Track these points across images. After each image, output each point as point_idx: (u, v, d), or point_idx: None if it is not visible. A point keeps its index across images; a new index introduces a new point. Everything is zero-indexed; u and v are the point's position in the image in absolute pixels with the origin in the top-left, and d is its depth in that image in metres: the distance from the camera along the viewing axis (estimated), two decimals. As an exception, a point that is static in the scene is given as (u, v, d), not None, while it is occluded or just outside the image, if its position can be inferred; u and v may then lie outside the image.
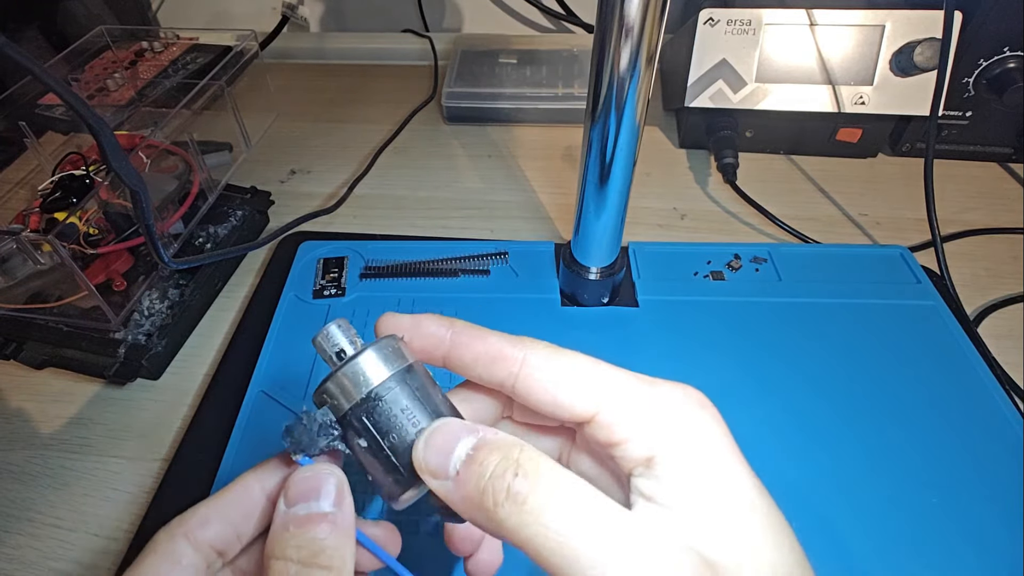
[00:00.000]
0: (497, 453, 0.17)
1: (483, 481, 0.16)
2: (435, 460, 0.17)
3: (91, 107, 0.23)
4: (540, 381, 0.19)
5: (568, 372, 0.19)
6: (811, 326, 0.39)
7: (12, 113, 0.46)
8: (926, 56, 0.46)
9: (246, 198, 0.50)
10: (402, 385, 0.19)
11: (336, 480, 0.19)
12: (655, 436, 0.17)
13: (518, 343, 0.19)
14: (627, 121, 0.31)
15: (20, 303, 0.38)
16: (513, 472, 0.16)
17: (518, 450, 0.17)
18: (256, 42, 0.53)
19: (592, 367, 0.19)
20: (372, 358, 0.19)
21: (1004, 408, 0.35)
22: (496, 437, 0.17)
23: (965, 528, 0.30)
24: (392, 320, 0.21)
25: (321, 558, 0.17)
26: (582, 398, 0.18)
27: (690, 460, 0.17)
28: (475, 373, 0.20)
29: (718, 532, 0.16)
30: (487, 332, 0.20)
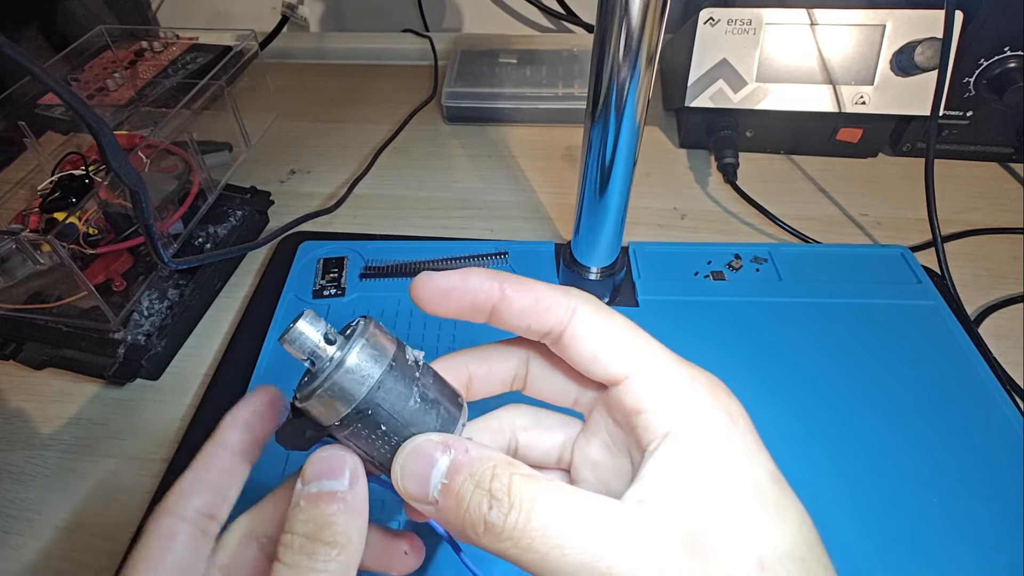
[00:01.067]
0: (470, 480, 0.17)
1: (461, 513, 0.17)
2: (414, 488, 0.18)
3: (91, 107, 0.23)
4: (585, 334, 0.19)
5: (613, 331, 0.19)
6: (812, 326, 0.39)
7: (12, 113, 0.46)
8: (927, 56, 0.46)
9: (246, 198, 0.50)
10: (388, 386, 0.18)
11: (351, 462, 0.19)
12: (677, 411, 0.18)
13: (568, 293, 0.20)
14: (627, 121, 0.31)
15: (20, 303, 0.38)
16: (487, 504, 0.16)
17: (489, 476, 0.17)
18: (256, 42, 0.52)
19: (634, 332, 0.19)
20: (355, 364, 0.18)
21: (1005, 408, 0.35)
22: (468, 458, 0.17)
23: (965, 528, 0.30)
24: (434, 279, 0.20)
25: (326, 533, 0.17)
26: (619, 359, 0.19)
27: (705, 440, 0.17)
28: (523, 323, 0.20)
29: (711, 512, 0.16)
30: (534, 282, 0.20)
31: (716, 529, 0.16)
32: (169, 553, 0.19)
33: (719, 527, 0.16)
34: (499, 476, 0.17)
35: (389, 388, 0.18)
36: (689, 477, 0.17)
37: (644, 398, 0.18)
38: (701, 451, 0.17)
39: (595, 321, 0.19)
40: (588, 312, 0.19)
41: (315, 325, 0.18)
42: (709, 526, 0.16)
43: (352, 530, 0.18)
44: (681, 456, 0.17)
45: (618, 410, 0.19)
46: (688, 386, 0.18)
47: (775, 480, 0.17)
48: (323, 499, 0.18)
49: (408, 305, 0.41)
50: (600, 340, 0.19)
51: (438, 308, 0.20)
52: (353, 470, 0.19)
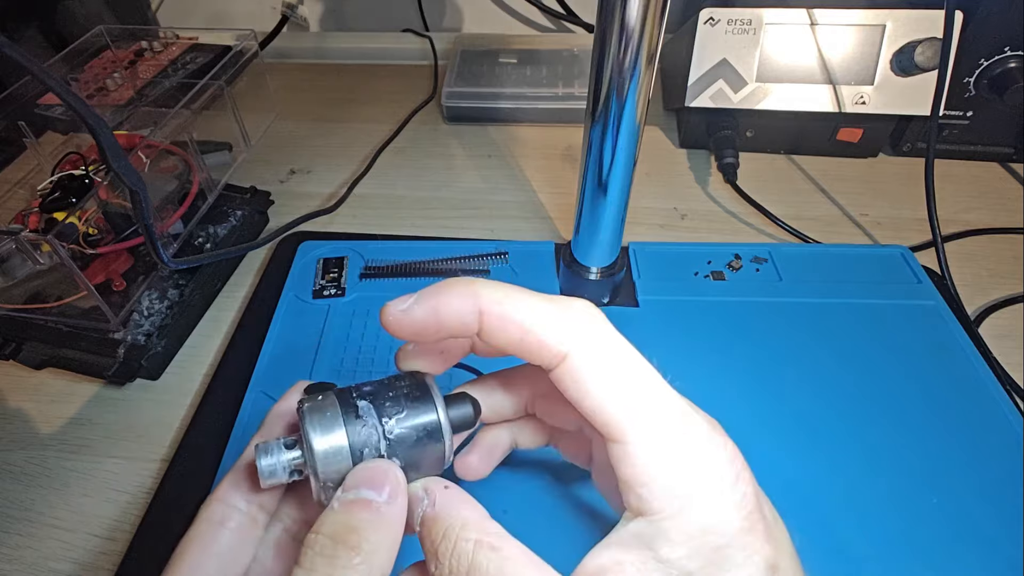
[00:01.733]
0: (428, 536, 0.18)
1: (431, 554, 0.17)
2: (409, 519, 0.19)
3: (90, 107, 0.23)
4: (580, 385, 0.17)
5: (611, 382, 0.17)
6: (812, 326, 0.39)
7: (11, 113, 0.46)
8: (927, 56, 0.46)
9: (246, 198, 0.49)
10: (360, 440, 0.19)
11: (394, 476, 0.18)
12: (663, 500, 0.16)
13: (564, 327, 0.17)
14: (627, 121, 0.31)
15: (19, 303, 0.38)
16: (433, 565, 0.17)
17: (439, 539, 0.17)
18: (256, 42, 0.52)
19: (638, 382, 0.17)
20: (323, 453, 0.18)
21: (1005, 408, 0.35)
22: (431, 513, 0.18)
23: (965, 528, 0.30)
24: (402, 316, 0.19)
25: (352, 537, 0.17)
26: (616, 421, 0.17)
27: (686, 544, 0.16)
28: (510, 352, 0.18)
29: None
30: (521, 303, 0.18)
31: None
32: (219, 538, 0.20)
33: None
34: (447, 538, 0.17)
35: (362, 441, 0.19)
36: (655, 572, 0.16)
37: (632, 472, 0.17)
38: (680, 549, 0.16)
39: (590, 370, 0.17)
40: (583, 358, 0.17)
41: (271, 453, 0.19)
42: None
43: (380, 541, 0.17)
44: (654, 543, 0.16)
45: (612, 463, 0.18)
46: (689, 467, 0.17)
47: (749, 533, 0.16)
48: (357, 505, 0.18)
49: (408, 305, 0.41)
50: (594, 396, 0.17)
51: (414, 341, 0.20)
52: (395, 485, 0.18)
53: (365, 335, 0.39)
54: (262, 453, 0.19)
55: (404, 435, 0.19)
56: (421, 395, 0.20)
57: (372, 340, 0.39)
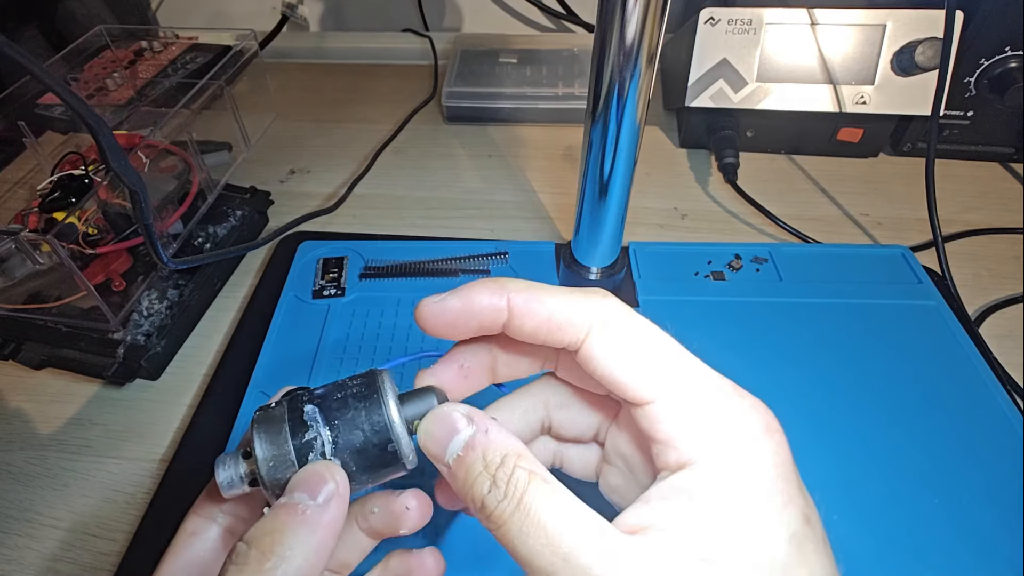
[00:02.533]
0: (480, 461, 0.17)
1: (467, 486, 0.17)
2: (434, 449, 0.18)
3: (90, 107, 0.23)
4: (604, 355, 0.18)
5: (635, 350, 0.18)
6: (812, 326, 0.39)
7: (11, 112, 0.46)
8: (927, 56, 0.46)
9: (245, 198, 0.49)
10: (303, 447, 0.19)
11: (332, 483, 0.18)
12: (700, 447, 0.17)
13: (585, 308, 0.18)
14: (627, 121, 0.31)
15: (19, 303, 0.38)
16: (487, 487, 0.17)
17: (497, 461, 0.17)
18: (256, 42, 0.52)
19: (663, 348, 0.18)
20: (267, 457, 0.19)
21: (1005, 408, 0.35)
22: (484, 439, 0.18)
23: (966, 529, 0.30)
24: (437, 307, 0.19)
25: (265, 541, 0.17)
26: (643, 383, 0.17)
27: (720, 486, 0.16)
28: (538, 341, 0.19)
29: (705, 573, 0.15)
30: (546, 292, 0.19)
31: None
32: (196, 549, 0.20)
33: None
34: (506, 465, 0.17)
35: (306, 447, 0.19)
36: (692, 518, 0.16)
37: (664, 429, 0.17)
38: (712, 497, 0.16)
39: (614, 340, 0.18)
40: (604, 331, 0.18)
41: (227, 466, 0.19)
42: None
43: (298, 544, 0.17)
44: (695, 495, 0.16)
45: (633, 427, 0.19)
46: (720, 420, 0.17)
47: (796, 541, 0.16)
48: (283, 509, 0.18)
49: (408, 305, 0.41)
50: (620, 362, 0.18)
51: (446, 335, 0.20)
52: (332, 492, 0.18)
53: (365, 335, 0.39)
54: (219, 465, 0.19)
55: (351, 438, 0.19)
56: (369, 393, 0.19)
57: (372, 340, 0.39)
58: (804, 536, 0.16)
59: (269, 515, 0.18)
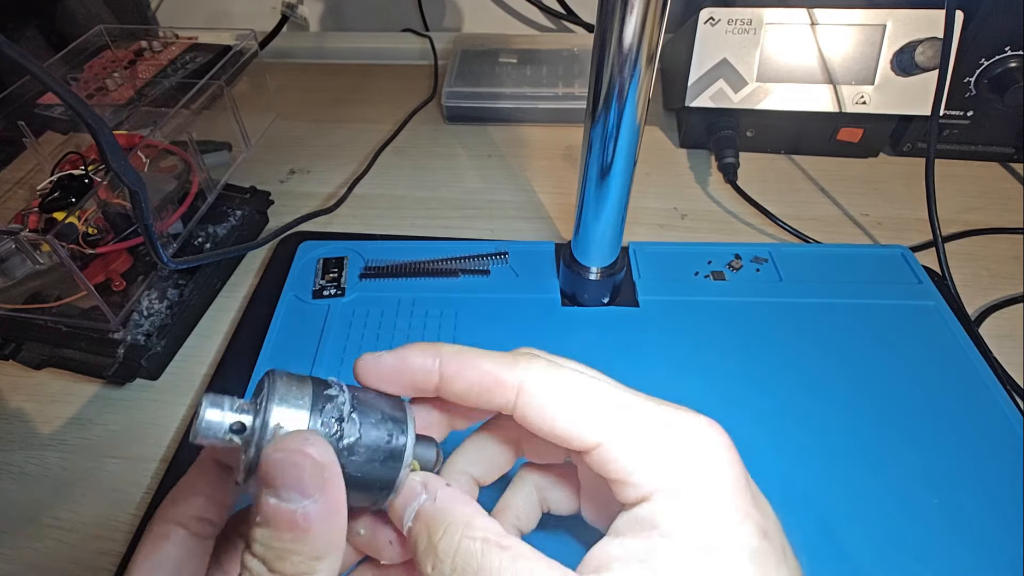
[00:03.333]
0: (425, 535, 0.17)
1: (416, 557, 0.17)
2: (395, 518, 0.18)
3: (90, 107, 0.23)
4: (540, 409, 0.18)
5: (570, 399, 0.18)
6: (812, 326, 0.39)
7: (11, 112, 0.46)
8: (927, 56, 0.46)
9: (245, 198, 0.49)
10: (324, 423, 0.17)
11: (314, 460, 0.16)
12: (653, 479, 0.17)
13: (513, 365, 0.18)
14: (627, 121, 0.31)
15: (19, 303, 0.38)
16: (431, 564, 0.16)
17: (440, 533, 0.17)
18: (255, 41, 0.52)
19: (595, 392, 0.18)
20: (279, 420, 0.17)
21: (1005, 408, 0.35)
22: (432, 508, 0.17)
23: (966, 529, 0.30)
24: (372, 363, 0.19)
25: (286, 566, 0.16)
26: (584, 428, 0.17)
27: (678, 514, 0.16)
28: (470, 402, 0.19)
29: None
30: (477, 356, 0.19)
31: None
32: (158, 553, 0.20)
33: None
34: (448, 536, 0.16)
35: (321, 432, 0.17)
36: (656, 549, 0.16)
37: (616, 468, 0.17)
38: (675, 521, 0.16)
39: (546, 392, 0.18)
40: (537, 386, 0.18)
41: (218, 404, 0.17)
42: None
43: (321, 550, 0.16)
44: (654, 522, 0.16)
45: (590, 470, 0.18)
46: (665, 448, 0.17)
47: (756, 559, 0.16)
48: (284, 521, 0.16)
49: (408, 305, 0.41)
50: (558, 412, 0.18)
51: (386, 389, 0.20)
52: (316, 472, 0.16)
53: (365, 335, 0.39)
54: (210, 404, 0.16)
55: (368, 443, 0.17)
56: (398, 413, 0.19)
57: (372, 340, 0.39)
58: (763, 552, 0.16)
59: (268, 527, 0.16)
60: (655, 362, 0.37)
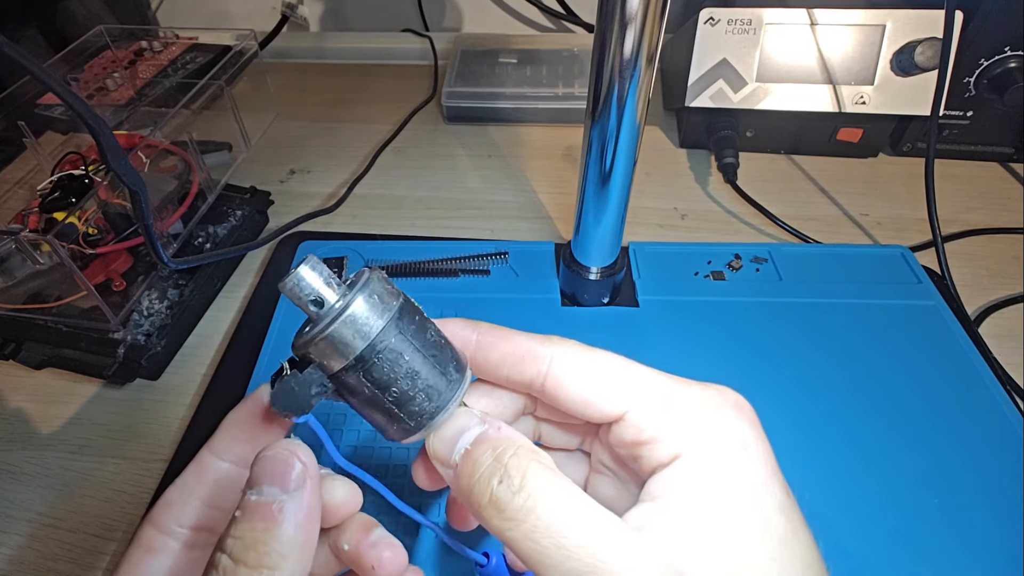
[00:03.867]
0: (490, 453, 0.17)
1: (473, 480, 0.17)
2: (441, 449, 0.18)
3: (90, 107, 0.23)
4: (570, 379, 0.19)
5: (599, 371, 0.19)
6: (812, 326, 0.39)
7: (11, 113, 0.46)
8: (927, 56, 0.46)
9: (246, 198, 0.49)
10: (397, 334, 0.17)
11: (300, 461, 0.17)
12: (682, 438, 0.17)
13: (546, 341, 0.19)
14: (627, 121, 0.31)
15: (19, 303, 0.38)
16: (498, 478, 0.16)
17: (510, 453, 0.17)
18: (255, 42, 0.52)
19: (623, 366, 0.19)
20: (361, 309, 0.17)
21: (1005, 408, 0.35)
22: (496, 434, 0.17)
23: (966, 529, 0.30)
24: None
25: (251, 555, 0.16)
26: (612, 397, 0.18)
27: (709, 467, 0.17)
28: (502, 374, 0.20)
29: (709, 547, 0.15)
30: (513, 332, 0.20)
31: (709, 567, 0.15)
32: (148, 567, 0.18)
33: (713, 566, 0.15)
34: (519, 456, 0.17)
35: (393, 338, 0.17)
36: (691, 509, 0.16)
37: (646, 429, 0.17)
38: (706, 480, 0.16)
39: (577, 364, 0.19)
40: (568, 358, 0.19)
41: (317, 270, 0.17)
42: (703, 563, 0.15)
43: (287, 547, 0.16)
44: (685, 484, 0.16)
45: (619, 445, 0.19)
46: (692, 411, 0.18)
47: (784, 512, 0.16)
48: (259, 513, 0.16)
49: (408, 305, 0.41)
50: (586, 384, 0.18)
51: None
52: (300, 473, 0.17)
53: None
54: (311, 263, 0.17)
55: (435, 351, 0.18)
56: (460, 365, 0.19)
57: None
58: (789, 507, 0.17)
59: (243, 521, 0.16)
60: (655, 362, 0.37)
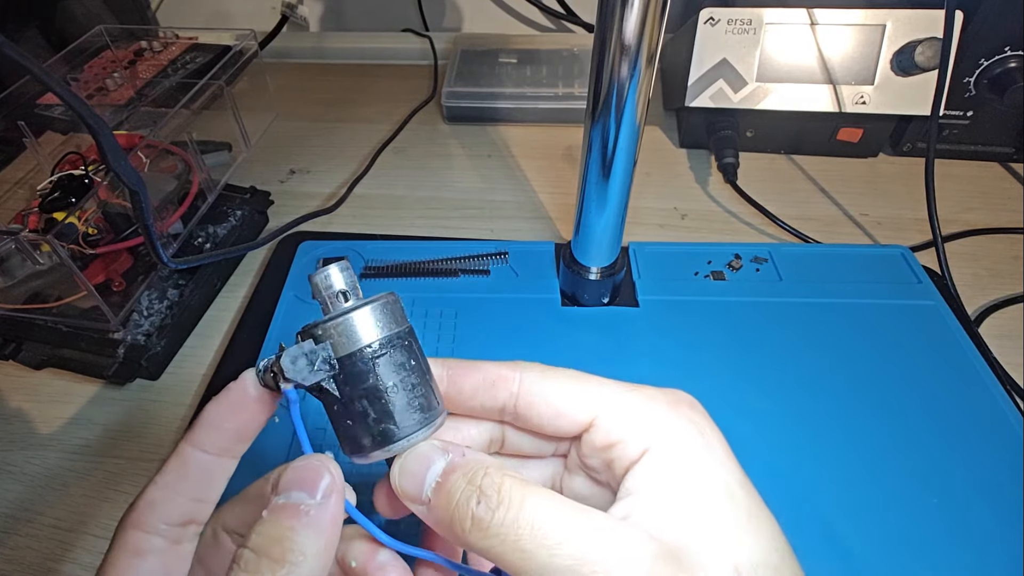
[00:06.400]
0: (463, 478, 0.17)
1: (451, 508, 0.17)
2: (409, 486, 0.18)
3: (90, 107, 0.23)
4: (540, 396, 0.20)
5: (565, 384, 0.20)
6: (812, 326, 0.39)
7: (11, 113, 0.46)
8: (927, 56, 0.46)
9: (245, 198, 0.49)
10: (403, 346, 0.19)
11: (328, 474, 0.18)
12: (648, 433, 0.18)
13: (513, 366, 0.20)
14: (627, 121, 0.31)
15: (19, 303, 0.38)
16: (476, 500, 0.17)
17: (481, 474, 0.17)
18: (255, 42, 0.52)
19: (585, 378, 0.20)
20: (379, 313, 0.19)
21: (1005, 408, 0.35)
22: (463, 460, 0.18)
23: (965, 529, 0.30)
24: None
25: (274, 549, 0.16)
26: (581, 406, 0.19)
27: (675, 455, 0.18)
28: (476, 402, 0.20)
29: (689, 522, 0.17)
30: (480, 362, 0.21)
31: (694, 539, 0.16)
32: (139, 571, 0.18)
33: (697, 538, 0.16)
34: (491, 475, 0.17)
35: (390, 353, 0.18)
36: (665, 491, 0.17)
37: (614, 431, 0.19)
38: (674, 466, 0.18)
39: (544, 381, 0.20)
40: (535, 377, 0.20)
41: (346, 273, 0.20)
42: (687, 537, 0.16)
43: (308, 548, 0.16)
44: (656, 473, 0.18)
45: (591, 453, 0.20)
46: (653, 409, 0.19)
47: (745, 488, 0.18)
48: (284, 512, 0.17)
49: (408, 305, 0.41)
50: (556, 395, 0.20)
51: None
52: (328, 483, 0.17)
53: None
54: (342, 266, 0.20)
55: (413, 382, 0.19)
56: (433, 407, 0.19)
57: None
58: (748, 484, 0.18)
59: (270, 519, 0.17)
60: (655, 362, 0.37)
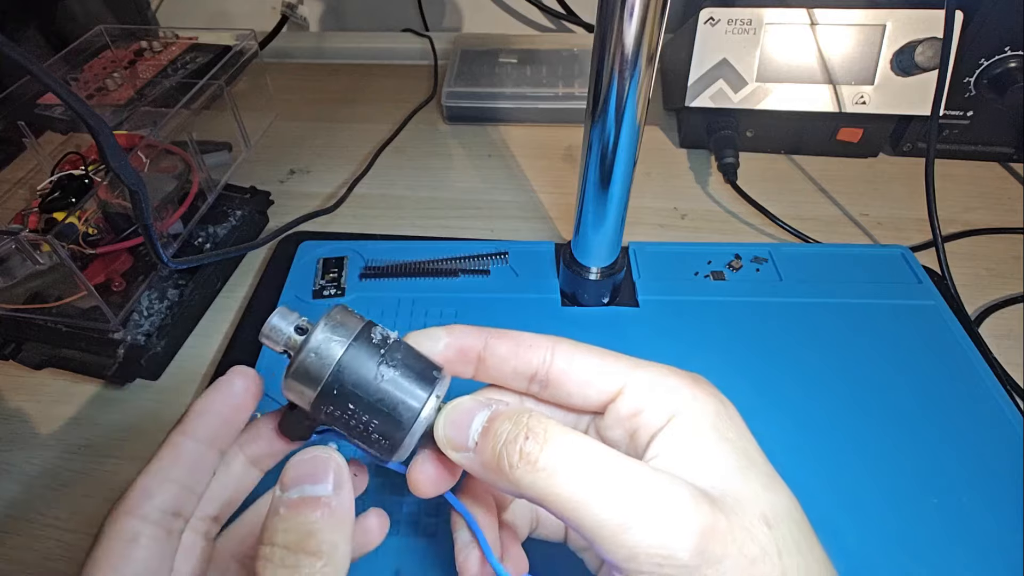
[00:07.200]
0: (508, 421, 0.18)
1: (498, 447, 0.17)
2: (455, 434, 0.19)
3: (90, 107, 0.23)
4: (572, 363, 0.20)
5: (595, 357, 0.20)
6: (812, 326, 0.39)
7: (11, 113, 0.46)
8: (927, 56, 0.46)
9: (245, 198, 0.49)
10: (349, 365, 0.19)
11: (335, 464, 0.18)
12: (673, 401, 0.19)
13: (545, 336, 0.21)
14: (627, 121, 0.31)
15: (19, 303, 0.38)
16: (524, 436, 0.17)
17: (527, 416, 0.18)
18: (255, 42, 0.52)
19: (614, 354, 0.21)
20: (316, 347, 0.19)
21: (1005, 408, 0.35)
22: (507, 408, 0.18)
23: (965, 529, 0.30)
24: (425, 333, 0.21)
25: (309, 543, 0.16)
26: (610, 377, 0.20)
27: (699, 421, 0.19)
28: (508, 367, 0.21)
29: (717, 476, 0.17)
30: (515, 331, 0.21)
31: (726, 490, 0.17)
32: (131, 559, 0.18)
33: (728, 488, 0.17)
34: (536, 417, 0.18)
35: (350, 366, 0.19)
36: (692, 452, 0.18)
37: (641, 399, 0.19)
38: (699, 430, 0.18)
39: (575, 351, 0.21)
40: (568, 347, 0.21)
41: (287, 319, 0.20)
42: (720, 487, 0.17)
43: (338, 538, 0.17)
44: (682, 436, 0.18)
45: (615, 423, 0.20)
46: (676, 382, 0.20)
47: (764, 457, 0.19)
48: (306, 506, 0.17)
49: (408, 304, 0.41)
50: (588, 366, 0.20)
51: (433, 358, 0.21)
52: (338, 473, 0.18)
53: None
54: (279, 316, 0.20)
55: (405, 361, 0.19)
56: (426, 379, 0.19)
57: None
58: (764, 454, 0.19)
59: (291, 514, 0.17)
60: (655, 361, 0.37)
